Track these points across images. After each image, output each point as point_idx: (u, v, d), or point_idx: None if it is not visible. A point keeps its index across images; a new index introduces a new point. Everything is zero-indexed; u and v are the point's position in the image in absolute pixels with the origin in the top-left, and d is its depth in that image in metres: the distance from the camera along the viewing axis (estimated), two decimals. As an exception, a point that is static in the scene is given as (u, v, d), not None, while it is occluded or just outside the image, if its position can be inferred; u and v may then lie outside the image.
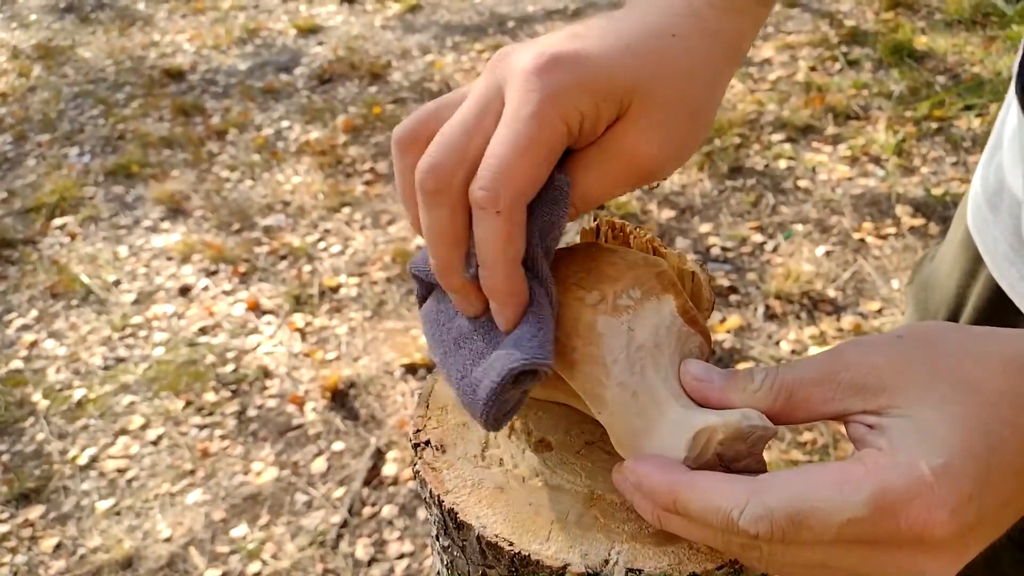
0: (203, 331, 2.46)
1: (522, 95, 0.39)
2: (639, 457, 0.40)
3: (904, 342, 0.39)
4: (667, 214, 2.67)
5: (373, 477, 1.99)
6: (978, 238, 0.71)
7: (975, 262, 0.72)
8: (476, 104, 0.41)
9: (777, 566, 0.38)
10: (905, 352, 0.38)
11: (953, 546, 0.34)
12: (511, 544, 0.42)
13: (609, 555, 0.41)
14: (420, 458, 0.48)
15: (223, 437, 2.13)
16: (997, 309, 0.69)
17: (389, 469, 2.00)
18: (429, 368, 2.24)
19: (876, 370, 0.37)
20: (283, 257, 2.72)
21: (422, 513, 1.90)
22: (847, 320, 2.23)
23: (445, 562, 0.48)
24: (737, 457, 0.39)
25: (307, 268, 2.66)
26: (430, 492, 0.46)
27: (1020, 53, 0.64)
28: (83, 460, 2.11)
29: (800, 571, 0.37)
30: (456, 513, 0.44)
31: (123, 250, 2.82)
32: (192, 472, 2.05)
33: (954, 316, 0.75)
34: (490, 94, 0.41)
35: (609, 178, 0.42)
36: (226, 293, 2.60)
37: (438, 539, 0.48)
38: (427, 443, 0.49)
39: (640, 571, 0.41)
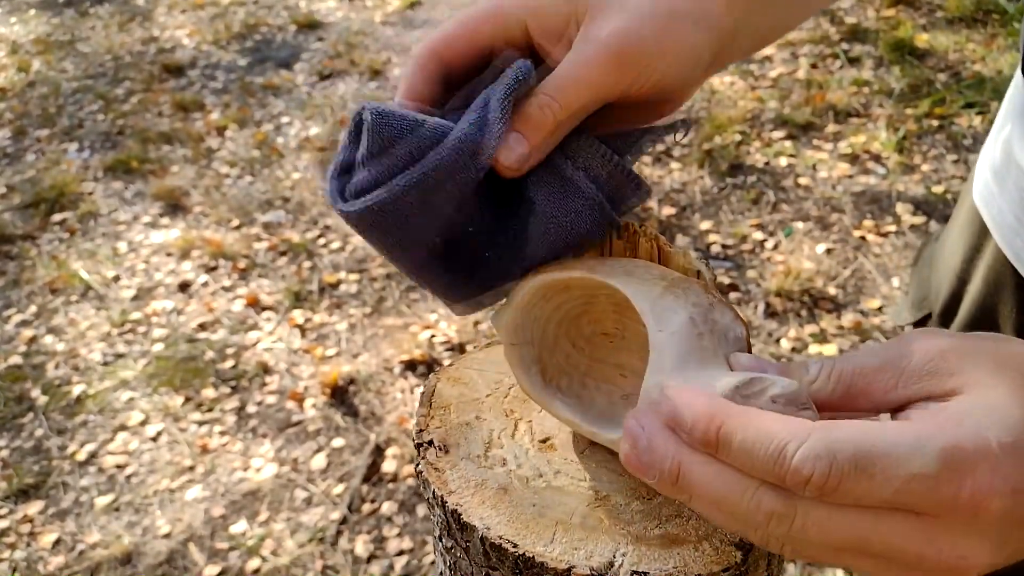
0: (203, 327, 2.46)
1: None
2: (682, 387, 0.37)
3: (968, 336, 0.37)
4: (667, 211, 2.66)
5: (373, 474, 1.99)
6: (985, 211, 0.72)
7: (981, 236, 0.73)
8: None
9: (801, 542, 0.34)
10: (972, 341, 0.37)
11: (1000, 536, 0.33)
12: (515, 546, 0.42)
13: (614, 557, 0.41)
14: (423, 458, 0.48)
15: (222, 433, 2.13)
16: (1004, 282, 0.70)
17: (389, 466, 2.00)
18: (429, 365, 2.24)
19: (944, 355, 0.36)
20: (283, 253, 2.72)
21: (421, 510, 1.90)
22: (847, 318, 2.23)
23: (448, 563, 0.48)
24: None
25: (307, 264, 2.66)
26: (433, 493, 0.46)
27: None
28: (82, 456, 2.10)
29: (824, 553, 0.34)
30: (459, 514, 0.44)
31: (122, 246, 2.81)
32: (191, 468, 2.05)
33: (958, 292, 0.75)
34: None
35: (581, 61, 0.43)
36: (226, 289, 2.59)
37: (441, 540, 0.48)
38: (430, 443, 0.49)
39: (645, 573, 0.40)
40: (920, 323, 0.82)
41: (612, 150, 0.46)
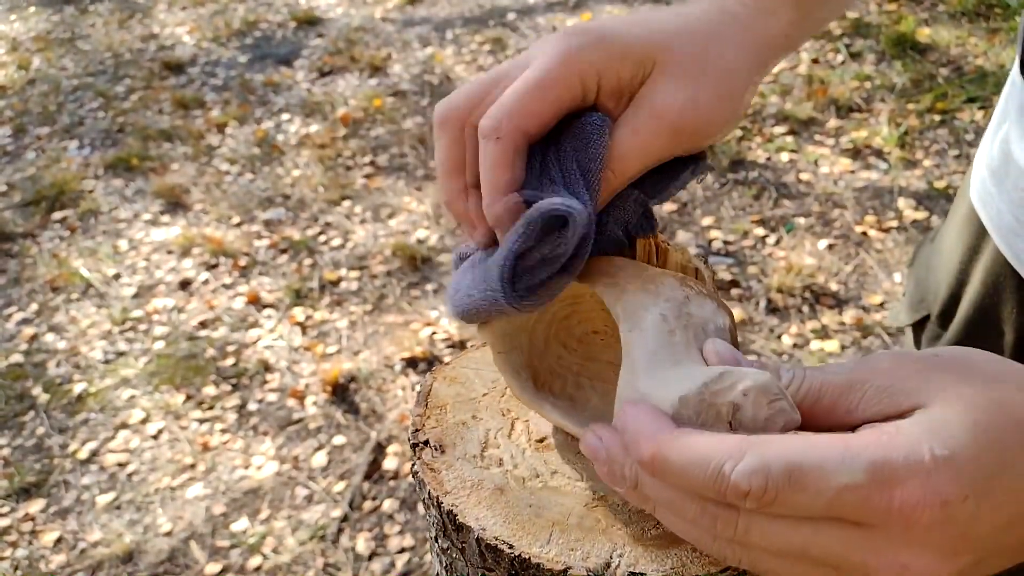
0: (203, 325, 2.46)
1: (542, 51, 0.44)
2: (635, 404, 0.38)
3: (940, 357, 0.38)
4: (668, 207, 2.66)
5: (374, 471, 1.99)
6: (983, 212, 0.71)
7: (979, 237, 0.72)
8: (508, 64, 0.46)
9: (749, 551, 0.36)
10: (939, 364, 0.38)
11: (940, 548, 0.33)
12: (511, 547, 0.41)
13: (611, 558, 0.41)
14: (419, 458, 0.48)
15: (223, 431, 2.13)
16: (1003, 283, 0.69)
17: (390, 463, 2.00)
18: (429, 362, 2.23)
19: (906, 377, 0.37)
20: (283, 251, 2.72)
21: (423, 508, 1.89)
22: (849, 314, 2.22)
23: (444, 564, 0.47)
24: (750, 425, 0.37)
25: (307, 262, 2.65)
26: (429, 493, 0.46)
27: (1022, 28, 0.64)
28: (83, 454, 2.10)
29: (772, 561, 0.36)
30: (455, 515, 0.44)
31: (123, 243, 2.81)
32: (192, 466, 2.05)
33: (956, 292, 0.75)
34: (523, 58, 0.45)
35: (642, 133, 0.44)
36: (226, 287, 2.59)
37: (437, 540, 0.47)
38: (426, 443, 0.48)
39: (642, 574, 0.40)
40: (918, 324, 0.81)
41: (644, 194, 0.47)
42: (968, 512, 0.33)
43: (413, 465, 0.48)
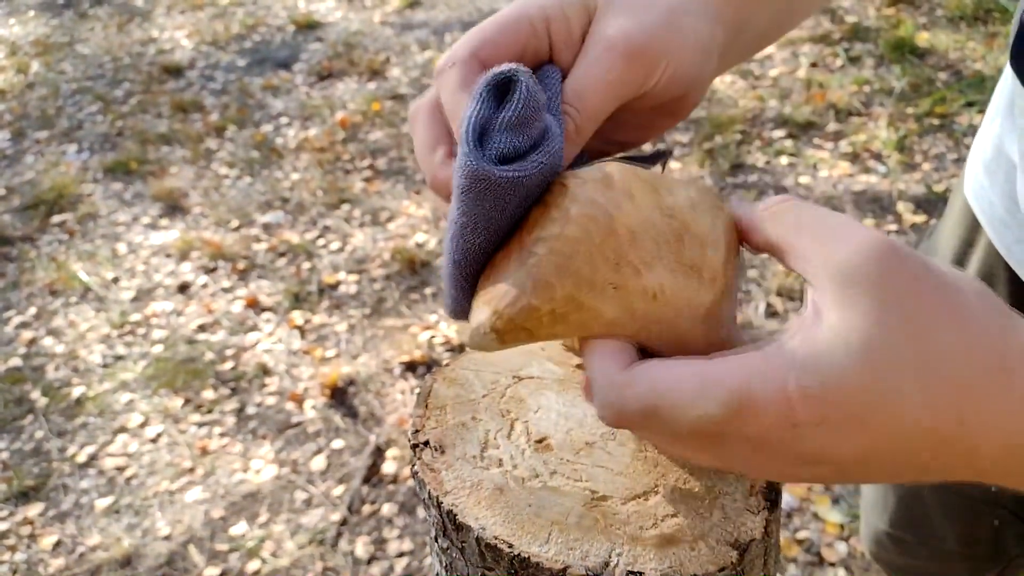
0: (202, 328, 2.46)
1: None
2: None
3: (908, 258, 0.34)
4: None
5: (373, 475, 1.99)
6: (976, 205, 0.72)
7: (973, 230, 0.73)
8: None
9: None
10: (908, 263, 0.33)
11: (785, 458, 0.34)
12: (511, 546, 0.42)
13: (610, 557, 0.41)
14: (419, 459, 0.48)
15: (222, 435, 2.13)
16: (996, 275, 0.70)
17: (389, 467, 2.00)
18: (428, 366, 2.23)
19: (863, 264, 0.33)
20: (282, 254, 2.72)
21: (422, 511, 1.89)
22: (848, 317, 2.22)
23: (444, 563, 0.48)
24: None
25: (306, 265, 2.66)
26: (429, 493, 0.46)
27: (1016, 21, 0.64)
28: (82, 458, 2.10)
29: (659, 446, 0.40)
30: (455, 514, 0.44)
31: (122, 247, 2.81)
32: (191, 470, 2.05)
33: None
34: None
35: (595, 65, 0.43)
36: (225, 290, 2.59)
37: (437, 540, 0.47)
38: (426, 443, 0.49)
39: (641, 573, 0.40)
40: None
41: None
42: (822, 434, 0.32)
43: (413, 466, 0.48)
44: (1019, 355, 0.33)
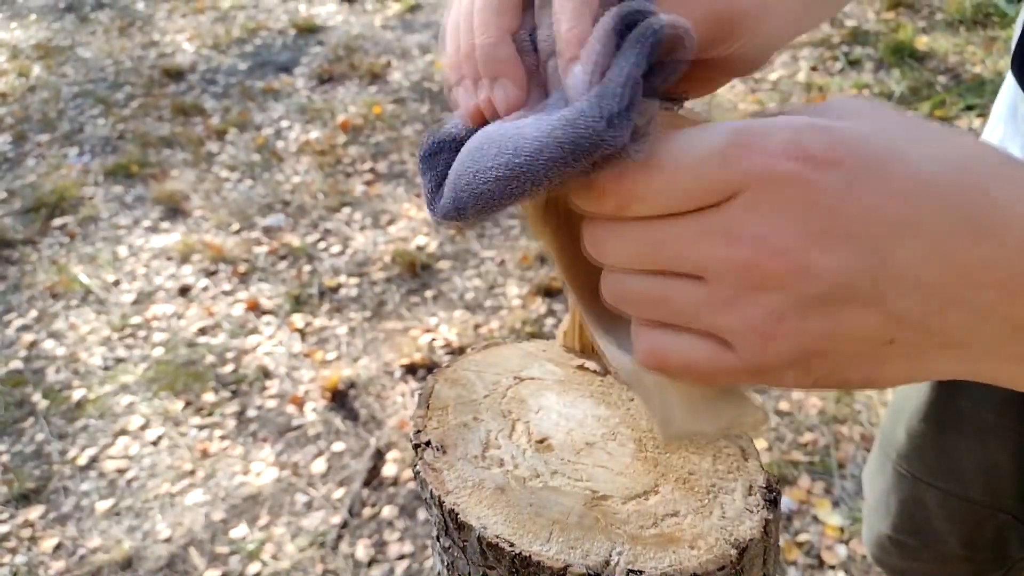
0: (203, 331, 2.46)
1: None
2: None
3: (900, 120, 0.31)
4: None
5: (373, 478, 1.99)
6: None
7: None
8: None
9: (608, 278, 0.33)
10: (903, 121, 0.31)
11: (803, 219, 0.28)
12: (512, 545, 0.42)
13: (610, 556, 0.41)
14: (421, 459, 0.48)
15: (223, 437, 2.13)
16: None
17: (389, 470, 2.00)
18: (429, 368, 2.24)
19: (854, 114, 0.31)
20: (283, 257, 2.72)
21: (422, 514, 1.89)
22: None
23: (446, 563, 0.48)
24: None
25: (307, 268, 2.66)
26: (431, 493, 0.46)
27: (1017, 30, 0.65)
28: (83, 460, 2.10)
29: (630, 284, 0.32)
30: (457, 514, 0.44)
31: (123, 250, 2.82)
32: (192, 472, 2.05)
33: None
34: None
35: (687, 14, 0.36)
36: (226, 293, 2.60)
37: (439, 540, 0.48)
38: (428, 443, 0.49)
39: (641, 572, 0.40)
40: None
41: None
42: (840, 180, 0.28)
43: (415, 465, 0.48)
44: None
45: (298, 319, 2.46)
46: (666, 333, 0.32)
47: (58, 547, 1.91)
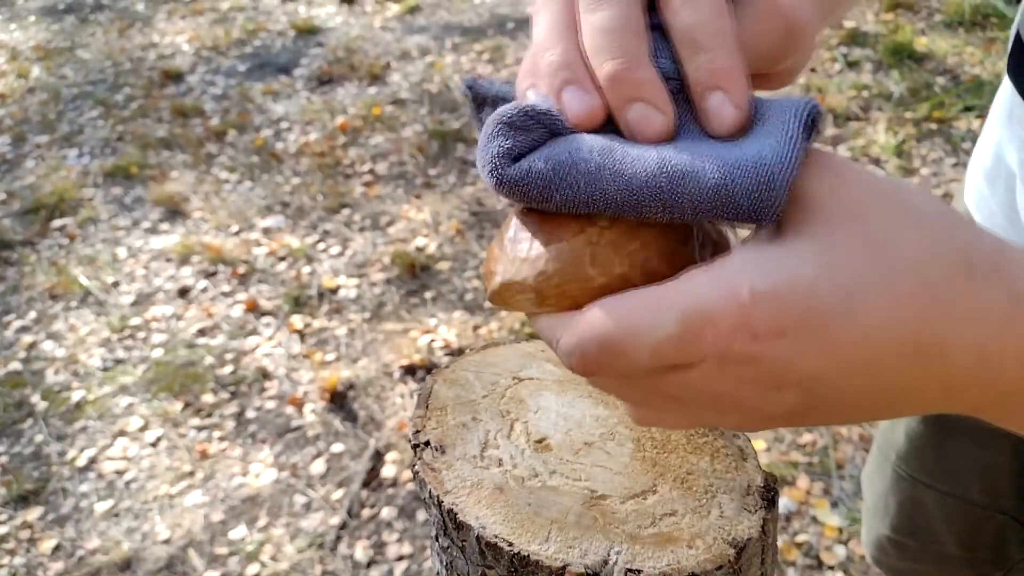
0: (202, 332, 2.46)
1: None
2: None
3: (875, 180, 0.33)
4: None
5: (372, 479, 1.99)
6: (976, 213, 0.72)
7: None
8: None
9: (612, 393, 0.38)
10: (870, 188, 0.32)
11: (757, 380, 0.32)
12: (510, 544, 0.42)
13: (608, 555, 0.41)
14: (420, 459, 0.48)
15: (222, 439, 2.13)
16: None
17: (388, 471, 2.00)
18: (428, 369, 2.24)
19: (830, 193, 0.32)
20: (282, 258, 2.72)
21: (421, 515, 1.89)
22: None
23: (445, 562, 0.48)
24: None
25: (306, 269, 2.66)
26: (430, 493, 0.46)
27: (1013, 31, 0.65)
28: (82, 462, 2.10)
29: (630, 401, 0.37)
30: (455, 514, 0.44)
31: (122, 251, 2.82)
32: (191, 474, 2.05)
33: None
34: None
35: (759, 23, 0.37)
36: (225, 294, 2.60)
37: (437, 539, 0.48)
38: (426, 444, 0.49)
39: (639, 571, 0.41)
40: None
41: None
42: (784, 350, 0.31)
43: (414, 465, 0.48)
44: (988, 265, 0.31)
45: (297, 320, 2.46)
46: (650, 412, 0.38)
47: (57, 548, 1.91)
